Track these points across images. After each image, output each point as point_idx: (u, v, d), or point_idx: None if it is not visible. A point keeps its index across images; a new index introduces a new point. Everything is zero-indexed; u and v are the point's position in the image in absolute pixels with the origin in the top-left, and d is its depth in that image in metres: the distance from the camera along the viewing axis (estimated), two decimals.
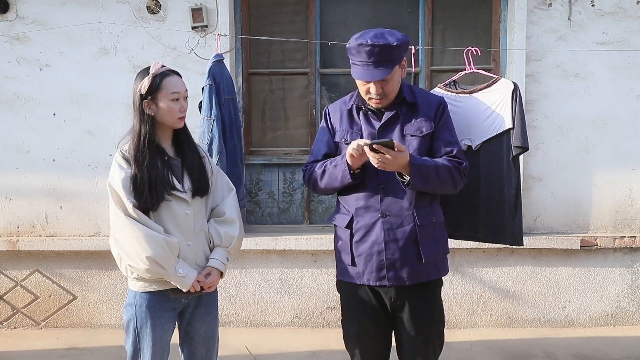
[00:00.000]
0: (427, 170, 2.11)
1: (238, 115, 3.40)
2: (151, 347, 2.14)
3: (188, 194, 2.14)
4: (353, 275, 2.25)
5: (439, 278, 2.29)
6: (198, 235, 2.19)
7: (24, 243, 3.93)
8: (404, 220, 2.17)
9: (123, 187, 2.04)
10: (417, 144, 2.20)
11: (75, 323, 4.05)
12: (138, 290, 2.15)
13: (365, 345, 2.29)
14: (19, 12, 3.87)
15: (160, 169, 2.09)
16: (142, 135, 2.10)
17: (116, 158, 2.12)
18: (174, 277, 2.09)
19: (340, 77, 4.13)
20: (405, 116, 2.23)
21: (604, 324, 4.02)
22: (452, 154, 2.22)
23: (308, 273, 4.01)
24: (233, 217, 2.26)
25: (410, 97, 2.24)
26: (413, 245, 2.17)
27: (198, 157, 2.23)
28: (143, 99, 2.10)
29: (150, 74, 2.10)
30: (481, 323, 4.02)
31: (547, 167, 3.95)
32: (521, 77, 3.83)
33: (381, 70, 2.09)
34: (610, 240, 3.92)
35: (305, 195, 4.17)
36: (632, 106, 3.92)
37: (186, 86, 2.20)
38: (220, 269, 2.20)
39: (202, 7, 3.77)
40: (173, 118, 2.13)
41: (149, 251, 2.02)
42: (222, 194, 2.30)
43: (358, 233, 2.22)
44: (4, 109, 3.94)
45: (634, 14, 3.86)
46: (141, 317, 2.14)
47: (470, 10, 4.08)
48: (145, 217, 2.06)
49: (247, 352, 3.64)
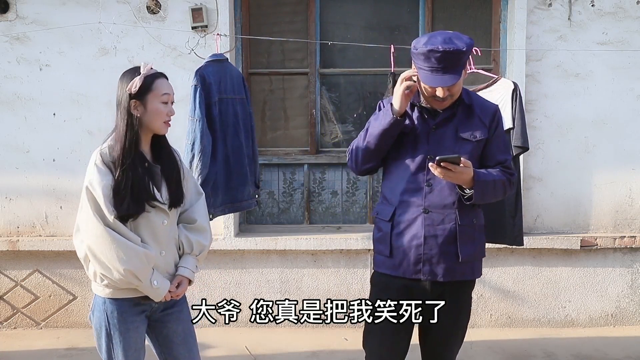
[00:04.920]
0: (487, 186, 2.14)
1: (247, 115, 3.38)
2: (125, 352, 2.08)
3: (166, 204, 2.07)
4: (389, 267, 2.26)
5: (473, 280, 2.31)
6: (170, 244, 2.13)
7: (24, 243, 3.93)
8: (446, 217, 2.19)
9: (104, 195, 1.94)
10: (470, 148, 2.20)
11: (75, 323, 4.05)
12: (107, 297, 2.06)
13: (386, 340, 2.29)
14: (19, 12, 3.87)
15: (141, 176, 2.00)
16: (128, 138, 1.99)
17: (95, 161, 1.99)
18: (148, 289, 2.03)
19: (340, 77, 4.13)
20: (460, 118, 2.22)
21: (604, 324, 4.02)
22: (505, 164, 2.24)
23: (308, 273, 4.01)
24: (204, 225, 2.19)
25: (468, 99, 2.25)
26: (452, 243, 2.19)
27: (176, 166, 2.15)
28: (131, 99, 2.01)
29: (142, 74, 2.02)
30: (481, 323, 4.02)
31: (547, 167, 3.95)
32: (521, 77, 3.83)
33: (451, 75, 2.08)
34: (610, 240, 3.92)
35: (305, 195, 4.17)
36: (632, 106, 3.92)
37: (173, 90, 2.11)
38: (190, 278, 2.15)
39: (202, 7, 3.77)
40: (159, 122, 2.04)
41: (127, 264, 1.95)
42: (192, 198, 2.22)
43: (399, 226, 2.22)
44: (4, 109, 3.94)
45: (634, 14, 3.86)
46: (113, 323, 2.06)
47: (470, 10, 4.08)
48: (124, 228, 1.97)
49: (247, 352, 3.64)
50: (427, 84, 2.13)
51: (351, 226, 4.14)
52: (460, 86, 2.19)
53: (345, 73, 4.10)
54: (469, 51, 2.12)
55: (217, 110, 3.19)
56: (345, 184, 4.16)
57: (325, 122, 4.17)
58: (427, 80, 2.12)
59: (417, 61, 2.14)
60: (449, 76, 2.08)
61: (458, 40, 2.10)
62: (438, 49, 2.05)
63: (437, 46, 2.05)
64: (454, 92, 2.16)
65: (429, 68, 2.09)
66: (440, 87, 2.11)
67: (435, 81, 2.10)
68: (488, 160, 2.24)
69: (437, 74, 2.09)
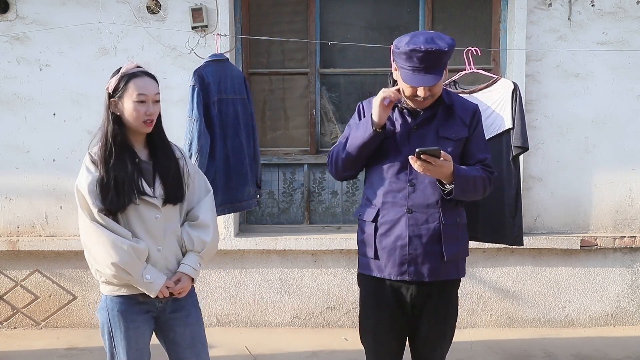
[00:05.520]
0: (468, 181, 2.14)
1: (248, 115, 3.38)
2: (126, 351, 2.09)
3: (159, 199, 2.08)
4: (375, 269, 2.26)
5: (458, 279, 2.32)
6: (169, 240, 2.12)
7: (24, 243, 3.93)
8: (430, 217, 2.19)
9: (89, 191, 1.99)
10: (451, 148, 2.20)
11: (75, 323, 4.05)
12: (108, 294, 2.09)
13: (380, 341, 2.30)
14: (19, 12, 3.87)
15: (130, 171, 2.02)
16: (108, 135, 2.04)
17: (85, 161, 2.06)
18: (141, 283, 2.03)
19: (340, 77, 4.13)
20: (441, 118, 2.23)
21: (604, 324, 4.02)
22: (485, 162, 2.25)
23: (308, 273, 4.01)
24: (207, 221, 2.19)
25: (448, 99, 2.25)
26: (436, 243, 2.19)
27: (173, 163, 2.15)
28: (110, 98, 2.05)
29: (119, 73, 2.05)
30: (481, 323, 4.02)
31: (547, 167, 3.95)
32: (521, 77, 3.83)
33: (433, 76, 2.09)
34: (610, 240, 3.92)
35: (305, 195, 4.17)
36: (632, 106, 3.92)
37: (158, 89, 2.10)
38: (191, 274, 2.14)
39: (202, 7, 3.77)
40: (137, 121, 2.04)
41: (114, 257, 1.97)
42: (199, 196, 2.23)
43: (383, 227, 2.23)
44: (4, 109, 3.94)
45: (634, 14, 3.86)
46: (114, 320, 2.09)
47: (470, 10, 4.08)
48: (111, 222, 2.01)
49: (247, 352, 3.64)
50: (409, 84, 2.13)
51: (351, 226, 4.14)
52: (441, 86, 2.20)
53: (345, 73, 4.10)
54: (451, 51, 2.12)
55: (217, 110, 3.18)
56: (345, 184, 4.16)
57: (325, 122, 4.17)
58: (409, 79, 2.12)
59: (398, 60, 2.15)
60: (430, 76, 2.09)
61: (440, 40, 2.10)
62: (420, 48, 2.05)
63: (419, 46, 2.06)
64: (435, 92, 2.16)
65: (411, 68, 2.10)
66: (422, 87, 2.11)
67: (416, 81, 2.10)
68: (468, 159, 2.25)
69: (418, 74, 2.09)
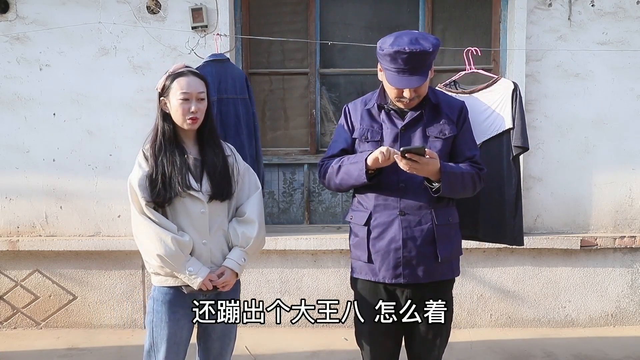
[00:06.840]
0: (455, 177, 2.13)
1: (250, 115, 3.37)
2: (165, 341, 2.16)
3: (205, 195, 2.16)
4: (369, 273, 2.26)
5: (452, 278, 2.32)
6: (215, 234, 2.20)
7: (24, 243, 3.93)
8: (422, 218, 2.19)
9: (139, 185, 2.10)
10: (440, 146, 2.20)
11: (75, 323, 4.05)
12: (156, 284, 2.20)
13: (376, 344, 2.30)
14: (19, 12, 3.87)
15: (178, 165, 2.13)
16: (159, 132, 2.17)
17: (137, 157, 2.17)
18: (184, 275, 2.11)
19: (340, 77, 4.13)
20: (428, 117, 2.23)
21: (604, 324, 4.03)
22: (473, 159, 2.25)
23: (308, 273, 4.01)
24: (253, 217, 2.25)
25: (434, 98, 2.25)
26: (430, 244, 2.19)
27: (222, 160, 2.22)
28: (160, 97, 2.19)
29: (167, 74, 2.19)
30: (481, 323, 4.02)
31: (547, 167, 3.95)
32: (521, 77, 3.83)
33: (418, 77, 2.09)
34: (610, 240, 3.92)
35: (305, 195, 4.17)
36: (632, 106, 3.92)
37: (203, 88, 2.20)
38: (234, 269, 2.21)
39: (202, 7, 3.77)
40: (182, 118, 2.15)
41: (159, 249, 2.07)
42: (248, 192, 2.30)
43: (375, 230, 2.22)
44: (4, 109, 3.94)
45: (634, 14, 3.86)
46: (157, 310, 2.18)
47: (470, 10, 4.08)
48: (158, 215, 2.11)
49: (247, 352, 3.64)
50: (394, 86, 2.13)
51: None
52: (427, 86, 2.20)
53: (345, 73, 4.10)
54: (436, 52, 2.12)
55: (216, 110, 3.18)
56: None
57: (325, 122, 4.17)
58: (394, 81, 2.11)
59: (383, 62, 2.15)
60: (416, 77, 2.09)
61: (424, 40, 2.09)
62: (404, 50, 2.05)
63: (403, 47, 2.05)
64: (420, 93, 2.17)
65: (396, 69, 2.10)
66: (408, 88, 2.11)
67: (402, 82, 2.10)
68: (457, 156, 2.25)
69: (403, 75, 2.09)
